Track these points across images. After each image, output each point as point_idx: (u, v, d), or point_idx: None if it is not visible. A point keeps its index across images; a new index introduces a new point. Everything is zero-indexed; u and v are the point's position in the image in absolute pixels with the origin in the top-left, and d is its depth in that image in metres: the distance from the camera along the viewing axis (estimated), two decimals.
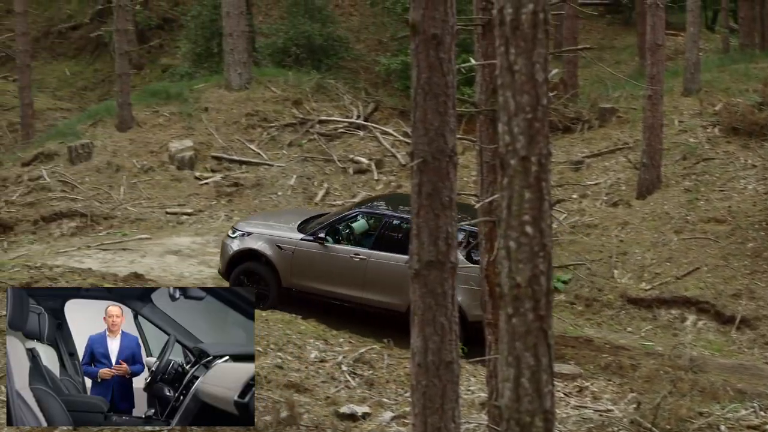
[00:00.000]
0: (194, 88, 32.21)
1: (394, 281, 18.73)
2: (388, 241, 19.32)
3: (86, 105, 37.99)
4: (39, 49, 43.07)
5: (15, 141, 34.60)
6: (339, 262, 19.29)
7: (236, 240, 20.25)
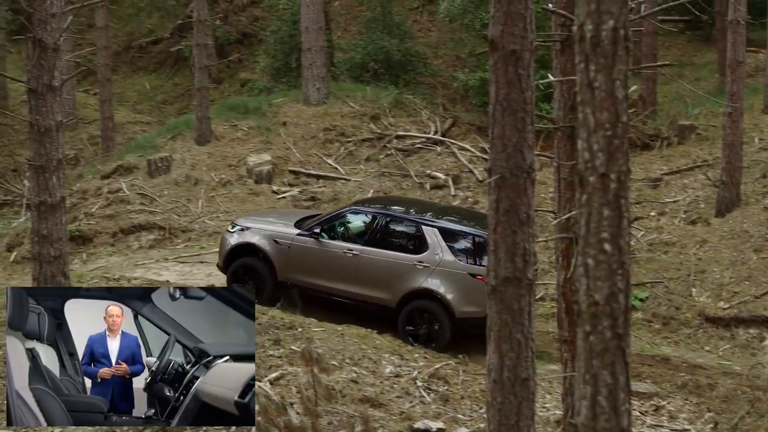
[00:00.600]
0: (272, 102, 32.42)
1: (384, 277, 19.37)
2: (380, 238, 19.79)
3: (165, 119, 38.38)
4: (120, 63, 43.61)
5: (95, 154, 35.04)
6: (332, 258, 19.77)
7: (235, 234, 20.77)
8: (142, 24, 45.65)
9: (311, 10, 31.56)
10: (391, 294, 19.30)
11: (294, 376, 15.02)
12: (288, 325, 17.13)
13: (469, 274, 18.84)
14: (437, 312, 18.98)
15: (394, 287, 19.34)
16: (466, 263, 19.03)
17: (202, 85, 30.30)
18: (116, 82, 39.98)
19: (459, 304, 18.80)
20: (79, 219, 27.01)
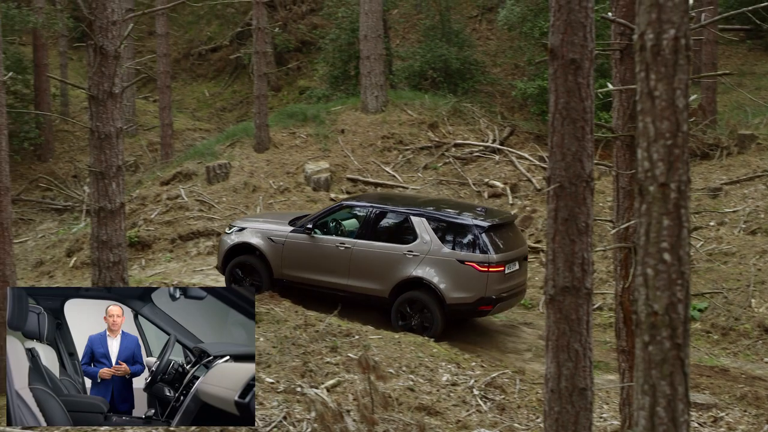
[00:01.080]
0: (331, 110, 32.52)
1: (376, 268, 19.87)
2: (371, 230, 20.27)
3: (224, 126, 38.61)
4: (179, 71, 43.91)
5: (155, 160, 35.30)
6: (325, 252, 20.25)
7: (232, 235, 21.42)
8: (201, 31, 45.95)
9: (370, 18, 31.63)
10: (384, 284, 19.78)
11: (351, 383, 15.03)
12: (345, 333, 17.16)
13: (457, 261, 19.25)
14: (428, 300, 19.39)
15: (386, 278, 19.80)
16: (454, 250, 19.40)
17: (261, 92, 30.44)
18: (176, 89, 40.27)
19: (449, 291, 19.24)
20: (138, 225, 27.22)
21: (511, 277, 19.74)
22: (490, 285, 19.15)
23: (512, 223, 21.04)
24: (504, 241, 19.76)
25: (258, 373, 15.35)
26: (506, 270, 19.44)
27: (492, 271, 19.11)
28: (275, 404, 14.33)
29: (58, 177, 35.46)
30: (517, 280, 20.15)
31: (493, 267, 19.11)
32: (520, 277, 20.29)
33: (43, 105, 35.98)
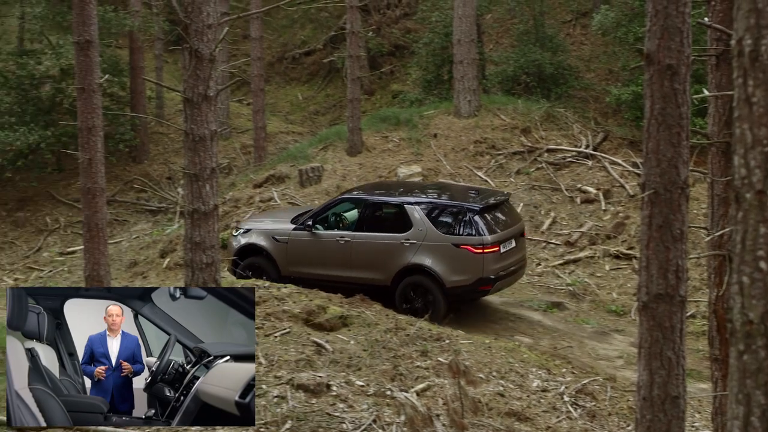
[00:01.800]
0: (423, 114, 32.53)
1: (376, 258, 20.69)
2: (369, 222, 21.13)
3: (317, 129, 38.79)
4: (273, 74, 44.20)
5: (248, 163, 35.57)
6: (327, 247, 21.08)
7: (238, 237, 22.31)
8: (295, 35, 46.21)
9: (464, 22, 31.59)
10: (385, 274, 20.54)
11: (441, 387, 15.02)
12: (435, 337, 17.15)
13: (452, 245, 19.99)
14: (429, 285, 20.12)
15: (386, 267, 20.57)
16: (448, 234, 20.14)
17: (354, 96, 30.56)
18: (269, 93, 40.53)
19: (447, 275, 19.97)
20: (231, 227, 27.45)
21: (508, 255, 20.46)
22: (487, 266, 19.82)
23: (505, 201, 21.65)
24: (498, 220, 20.59)
25: (348, 376, 15.40)
26: (502, 249, 20.17)
27: (487, 252, 19.81)
28: (365, 407, 14.36)
29: (152, 178, 35.88)
30: (515, 257, 20.86)
31: (488, 248, 19.82)
32: (517, 254, 21.00)
33: (139, 107, 36.42)
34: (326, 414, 14.15)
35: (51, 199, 35.28)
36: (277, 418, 14.01)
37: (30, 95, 35.43)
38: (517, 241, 20.91)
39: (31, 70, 34.91)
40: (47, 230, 34.05)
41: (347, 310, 18.21)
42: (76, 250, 31.37)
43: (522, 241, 21.47)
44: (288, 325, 17.38)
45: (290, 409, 14.29)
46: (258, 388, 15.11)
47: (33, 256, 32.47)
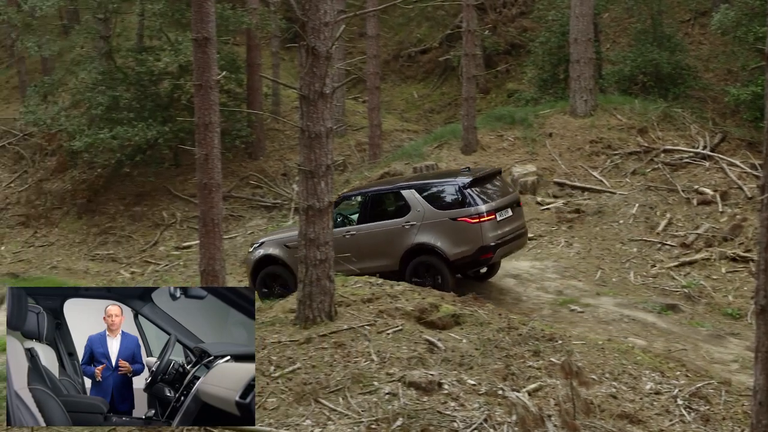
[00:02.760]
0: (539, 113, 32.36)
1: (382, 246, 21.46)
2: (370, 214, 21.95)
3: (432, 127, 38.77)
4: (388, 72, 44.29)
5: (362, 160, 35.70)
6: (336, 244, 20.19)
7: (254, 252, 23.10)
8: (411, 33, 46.25)
9: (581, 21, 31.36)
10: (392, 258, 21.35)
11: (552, 388, 14.95)
12: (548, 337, 17.06)
13: (450, 219, 20.87)
14: (435, 261, 20.93)
15: (392, 252, 21.37)
16: (445, 210, 21.04)
17: (470, 94, 30.52)
18: (385, 90, 40.63)
19: (450, 249, 20.80)
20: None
21: (505, 223, 21.36)
22: (485, 234, 20.72)
23: (497, 174, 22.71)
24: (490, 191, 21.55)
25: (460, 374, 15.39)
26: (498, 218, 21.09)
27: (484, 221, 20.72)
28: (476, 406, 14.34)
29: (267, 175, 36.17)
30: (513, 224, 21.73)
31: (483, 217, 20.72)
32: (515, 221, 21.86)
33: (255, 104, 36.74)
34: (437, 412, 14.16)
35: (168, 194, 35.78)
36: (388, 415, 14.06)
37: (149, 91, 35.98)
38: (513, 210, 21.80)
39: (150, 66, 35.45)
40: (164, 225, 34.54)
41: (460, 309, 18.19)
42: (191, 244, 31.79)
43: (518, 210, 22.25)
44: (400, 322, 17.41)
45: (401, 406, 14.32)
46: (369, 384, 15.18)
47: (149, 250, 32.98)
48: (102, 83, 35.88)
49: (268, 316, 18.92)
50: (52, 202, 36.79)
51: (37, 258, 33.95)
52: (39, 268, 32.54)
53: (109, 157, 35.85)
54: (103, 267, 32.70)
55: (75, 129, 35.07)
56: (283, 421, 14.49)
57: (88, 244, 34.09)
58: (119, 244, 34.26)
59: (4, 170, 39.16)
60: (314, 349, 16.61)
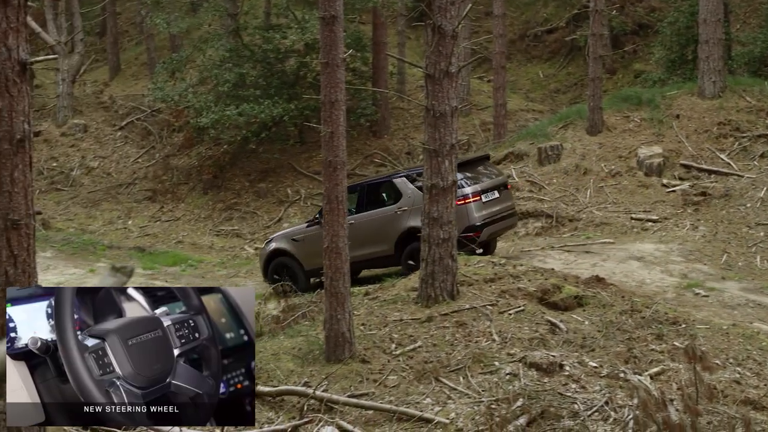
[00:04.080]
0: (666, 94, 31.93)
1: (377, 232, 22.97)
2: (366, 203, 23.47)
3: (557, 107, 38.56)
4: (514, 51, 44.13)
5: (487, 140, 35.64)
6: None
7: (266, 248, 25.12)
8: (538, 13, 46.00)
9: (710, 1, 30.84)
10: (387, 244, 22.91)
11: (675, 372, 14.80)
12: (672, 320, 16.88)
13: None
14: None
15: (387, 238, 22.90)
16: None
17: (596, 75, 30.26)
18: (510, 70, 40.48)
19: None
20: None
21: (492, 204, 22.78)
22: (471, 214, 22.14)
23: (483, 159, 24.53)
24: (476, 174, 23.05)
25: (581, 356, 15.32)
26: (484, 199, 22.55)
27: (469, 202, 22.11)
28: (597, 389, 14.27)
29: (392, 153, 36.27)
30: (500, 206, 23.12)
31: (469, 199, 22.12)
32: (502, 203, 23.25)
33: (381, 82, 36.86)
34: (558, 394, 14.12)
35: (292, 171, 36.11)
36: (508, 395, 14.05)
37: (275, 69, 36.32)
38: (500, 192, 23.22)
39: (276, 44, 35.80)
40: (288, 201, 34.88)
41: (582, 290, 18.09)
42: None
43: (506, 192, 23.69)
44: (522, 303, 17.39)
45: (522, 387, 14.31)
46: (490, 364, 15.20)
47: (273, 227, 33.32)
48: (229, 60, 36.33)
49: (390, 294, 19.04)
50: (178, 177, 37.37)
51: (163, 232, 34.52)
52: (165, 243, 33.08)
53: (235, 133, 36.32)
54: (228, 242, 33.15)
55: (202, 105, 35.57)
56: (403, 398, 14.57)
57: (213, 220, 34.56)
58: (244, 219, 34.67)
59: (132, 146, 39.86)
60: (435, 328, 16.67)
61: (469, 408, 14.04)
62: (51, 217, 35.04)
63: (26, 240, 8.55)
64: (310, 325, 18.32)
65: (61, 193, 37.63)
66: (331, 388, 15.12)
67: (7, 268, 8.47)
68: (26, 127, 8.44)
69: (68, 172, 38.55)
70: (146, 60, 45.25)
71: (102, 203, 36.34)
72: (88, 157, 39.24)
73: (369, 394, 14.90)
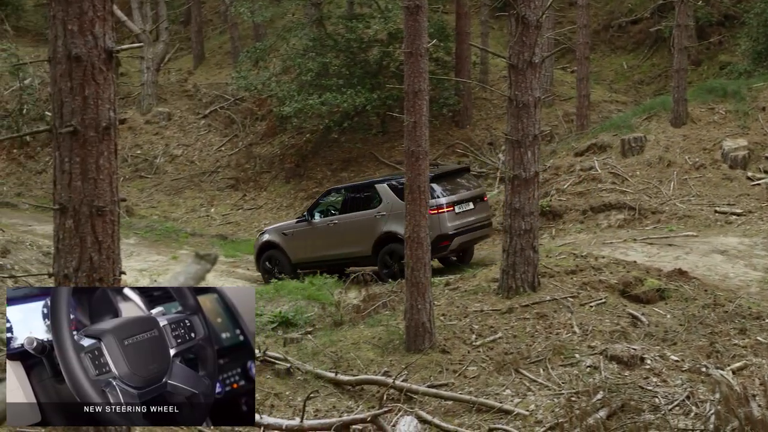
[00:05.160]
0: (752, 86, 31.52)
1: (358, 233, 24.42)
2: (350, 205, 25.04)
3: (641, 99, 38.22)
4: (598, 42, 43.78)
5: (569, 131, 35.42)
6: (321, 232, 25.20)
7: (260, 239, 26.63)
8: (622, 3, 45.58)
9: None
10: (366, 245, 24.29)
11: (758, 367, 14.68)
12: (755, 315, 16.74)
13: None
14: (400, 248, 21.89)
15: (366, 239, 24.30)
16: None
17: (681, 66, 29.96)
18: (594, 61, 40.16)
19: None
20: (550, 194, 27.50)
21: (465, 215, 24.15)
22: (443, 223, 23.41)
23: (462, 171, 26.13)
24: (453, 186, 24.46)
25: (663, 350, 15.24)
26: (457, 210, 23.91)
27: (442, 212, 23.40)
28: (678, 383, 14.19)
29: (474, 143, 36.18)
30: (474, 216, 24.46)
31: (442, 209, 23.42)
32: (477, 214, 24.58)
33: (463, 72, 36.76)
34: (639, 387, 14.07)
35: (374, 161, 36.15)
36: (588, 388, 14.02)
37: (358, 58, 36.38)
38: (475, 203, 24.54)
39: (360, 33, 35.86)
40: None
41: (665, 283, 17.96)
42: None
43: (482, 204, 25.02)
44: (604, 295, 17.32)
45: (602, 380, 14.28)
46: (571, 356, 15.19)
47: None
48: (312, 49, 36.45)
49: (471, 284, 19.04)
50: (261, 166, 37.58)
51: (245, 221, 34.76)
52: (247, 231, 33.30)
53: (317, 122, 36.48)
54: None
55: (285, 94, 35.71)
56: (482, 390, 14.59)
57: (296, 208, 34.68)
58: None
59: (215, 134, 40.14)
60: (516, 319, 16.66)
61: (548, 400, 14.04)
62: (134, 204, 35.46)
63: (111, 227, 8.65)
64: (391, 314, 18.38)
65: (145, 181, 38.02)
66: (410, 378, 15.19)
67: (92, 255, 8.57)
68: (112, 115, 8.54)
69: (152, 160, 38.92)
70: (230, 49, 45.53)
71: (185, 191, 36.65)
72: (171, 145, 39.60)
73: (448, 385, 14.95)
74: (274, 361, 15.55)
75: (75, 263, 8.56)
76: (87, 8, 8.31)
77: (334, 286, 22.00)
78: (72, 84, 8.37)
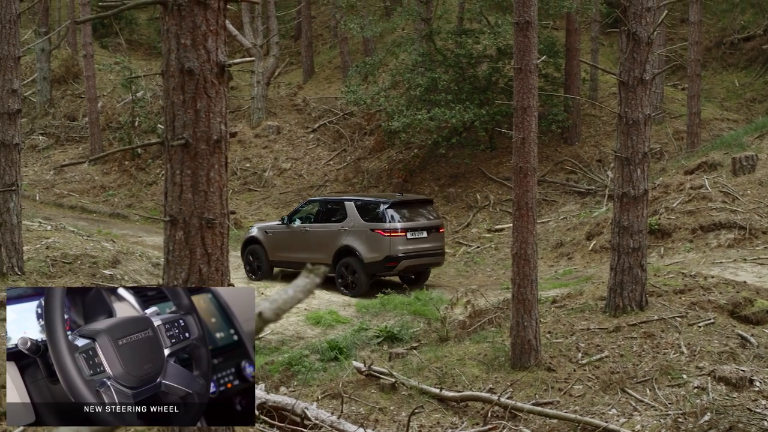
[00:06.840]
0: None
1: (323, 243, 26.29)
2: (322, 216, 26.96)
3: (753, 117, 37.72)
4: (710, 59, 43.32)
5: (680, 149, 35.07)
6: (295, 236, 27.08)
7: (247, 233, 28.95)
8: (735, 20, 45.06)
9: None
10: (328, 254, 25.97)
11: None
12: None
13: (369, 230, 25.55)
14: (355, 263, 25.63)
15: (329, 249, 26.08)
16: (368, 222, 25.69)
17: None
18: (705, 78, 39.76)
19: (365, 253, 25.47)
20: (659, 213, 27.20)
21: (417, 241, 25.78)
22: (393, 246, 25.29)
23: (425, 202, 27.66)
24: (410, 215, 26.08)
25: None
26: (409, 236, 25.57)
27: (394, 235, 25.24)
28: None
29: (582, 160, 36.00)
30: (426, 245, 26.03)
31: (394, 233, 25.24)
32: (429, 243, 26.15)
33: (573, 89, 36.61)
34: (747, 409, 13.86)
35: (482, 177, 36.12)
36: (695, 409, 13.85)
37: (467, 74, 36.42)
38: (429, 233, 26.15)
39: (469, 49, 35.92)
40: (476, 207, 34.89)
41: None
42: (503, 227, 32.03)
43: (437, 234, 26.53)
44: (712, 315, 17.10)
45: (710, 401, 14.09)
46: (678, 377, 15.01)
47: (462, 231, 33.40)
48: (421, 65, 36.57)
49: (578, 302, 18.93)
50: (369, 180, 37.73)
51: None
52: None
53: (425, 137, 36.57)
54: None
55: (393, 109, 35.86)
56: (588, 408, 14.48)
57: None
58: None
59: (324, 148, 40.44)
60: (623, 338, 16.52)
61: (655, 420, 13.89)
62: (243, 216, 35.86)
63: (220, 239, 8.77)
64: (497, 331, 18.32)
65: (254, 194, 38.41)
66: (515, 396, 15.12)
67: (201, 266, 8.69)
68: (223, 128, 8.66)
69: (261, 173, 39.34)
70: (339, 63, 45.86)
71: (293, 204, 36.89)
72: (280, 159, 39.97)
73: (553, 403, 14.86)
74: (379, 375, 15.61)
75: (184, 274, 8.68)
76: (200, 23, 8.44)
77: (440, 301, 21.98)
78: (184, 97, 8.50)
